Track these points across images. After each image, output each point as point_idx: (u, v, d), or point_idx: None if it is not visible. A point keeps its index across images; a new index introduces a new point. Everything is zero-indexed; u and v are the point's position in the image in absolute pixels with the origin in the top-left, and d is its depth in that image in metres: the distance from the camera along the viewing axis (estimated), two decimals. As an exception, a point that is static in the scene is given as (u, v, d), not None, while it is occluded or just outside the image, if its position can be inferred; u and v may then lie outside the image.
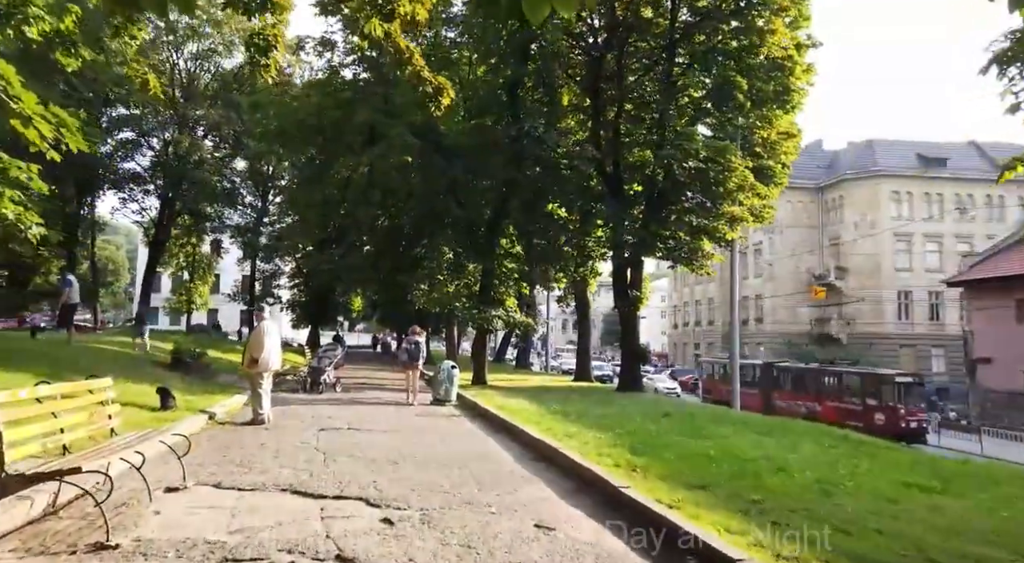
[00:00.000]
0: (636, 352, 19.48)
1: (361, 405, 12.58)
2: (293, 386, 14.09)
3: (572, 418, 10.82)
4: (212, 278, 48.30)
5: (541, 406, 12.61)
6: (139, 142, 32.50)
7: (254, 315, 9.97)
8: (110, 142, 32.75)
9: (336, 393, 14.26)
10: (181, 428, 7.72)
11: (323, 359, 14.34)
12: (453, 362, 13.95)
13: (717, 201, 17.94)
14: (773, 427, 11.50)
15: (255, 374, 9.39)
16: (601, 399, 15.88)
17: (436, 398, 13.53)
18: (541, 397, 15.17)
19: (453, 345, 24.37)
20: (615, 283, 20.27)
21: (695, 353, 57.26)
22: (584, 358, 23.87)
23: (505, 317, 17.18)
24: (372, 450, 7.50)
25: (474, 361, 18.90)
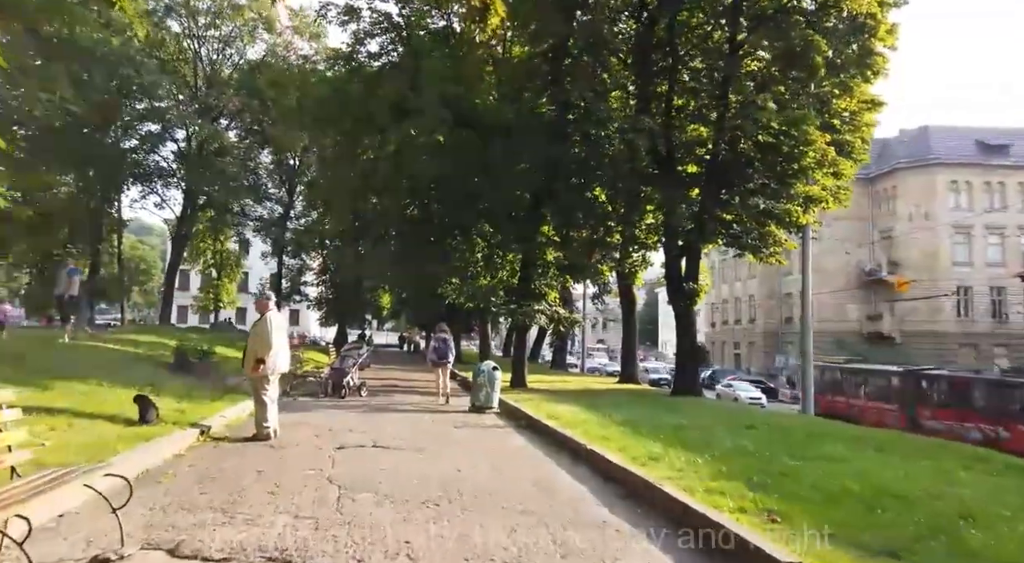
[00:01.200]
0: (694, 353, 17.31)
1: (389, 413, 10.72)
2: (313, 390, 12.32)
3: (644, 432, 8.79)
4: (239, 275, 47.33)
5: (598, 414, 10.62)
6: (163, 135, 31.39)
7: (257, 303, 8.11)
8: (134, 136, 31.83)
9: (361, 397, 12.45)
10: (157, 449, 5.91)
11: (346, 359, 12.55)
12: (494, 363, 12.01)
13: (788, 180, 15.68)
14: (894, 443, 9.27)
15: (260, 379, 7.57)
16: (661, 405, 13.78)
17: (475, 405, 11.62)
18: (592, 403, 13.17)
19: (487, 344, 22.48)
20: (668, 275, 18.12)
21: (735, 352, 54.50)
22: (629, 358, 21.73)
23: (548, 312, 15.20)
24: (403, 482, 5.59)
25: (513, 361, 16.96)
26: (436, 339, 12.91)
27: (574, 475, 6.44)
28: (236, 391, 10.34)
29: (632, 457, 6.90)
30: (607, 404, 13.32)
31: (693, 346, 17.60)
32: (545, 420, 9.83)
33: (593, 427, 9.15)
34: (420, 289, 26.05)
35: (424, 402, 12.72)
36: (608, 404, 13.38)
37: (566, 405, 12.22)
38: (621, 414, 10.89)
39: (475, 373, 11.84)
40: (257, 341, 7.58)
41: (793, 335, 49.85)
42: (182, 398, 8.87)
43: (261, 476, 5.61)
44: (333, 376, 12.31)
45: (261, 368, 7.49)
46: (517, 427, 9.89)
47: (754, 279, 52.18)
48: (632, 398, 15.27)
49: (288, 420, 9.05)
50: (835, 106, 16.03)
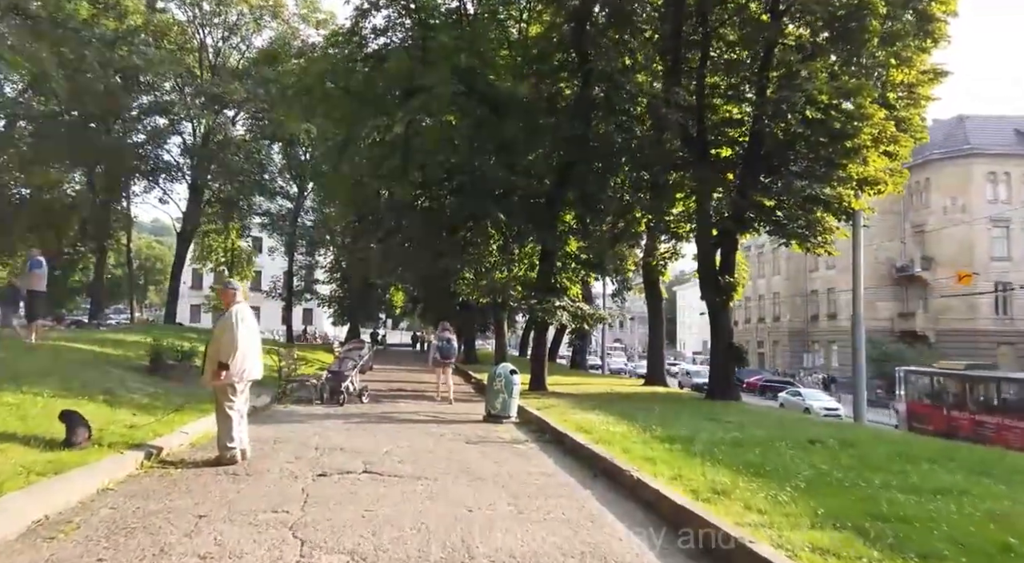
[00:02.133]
0: (730, 353, 15.58)
1: (390, 423, 9.18)
2: (308, 396, 10.82)
3: (696, 450, 7.18)
4: (251, 274, 46.26)
5: (634, 426, 9.03)
6: (169, 129, 30.26)
7: (221, 294, 6.56)
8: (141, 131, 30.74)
9: (362, 404, 10.93)
10: (68, 486, 4.41)
11: (345, 362, 11.03)
12: (512, 366, 10.43)
13: (839, 160, 13.92)
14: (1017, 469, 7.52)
15: (223, 388, 6.06)
16: (701, 413, 12.10)
17: (491, 413, 10.06)
18: (623, 410, 11.54)
19: (503, 344, 20.90)
20: (701, 268, 16.42)
21: (759, 352, 52.43)
22: (656, 359, 20.02)
23: (571, 309, 13.59)
24: (392, 536, 4.02)
25: (532, 362, 15.39)
26: (439, 338, 12.21)
27: (623, 516, 4.83)
28: (214, 399, 8.85)
29: (692, 489, 5.31)
30: (639, 411, 11.69)
31: (730, 346, 15.87)
32: (574, 434, 8.24)
33: (634, 444, 7.55)
34: (432, 286, 24.58)
35: (433, 410, 11.18)
36: (641, 411, 11.75)
37: (594, 413, 10.63)
38: (659, 424, 9.29)
39: (491, 377, 10.27)
40: (220, 341, 6.06)
41: (820, 333, 47.78)
42: (142, 409, 7.40)
43: (199, 527, 4.07)
44: (330, 380, 10.80)
45: (224, 375, 5.97)
46: (541, 442, 8.30)
47: (778, 276, 50.16)
48: (666, 404, 13.60)
49: (268, 434, 7.54)
50: (890, 77, 14.22)
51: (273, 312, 50.50)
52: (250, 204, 30.26)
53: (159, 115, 29.74)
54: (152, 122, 30.06)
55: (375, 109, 14.82)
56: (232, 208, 30.07)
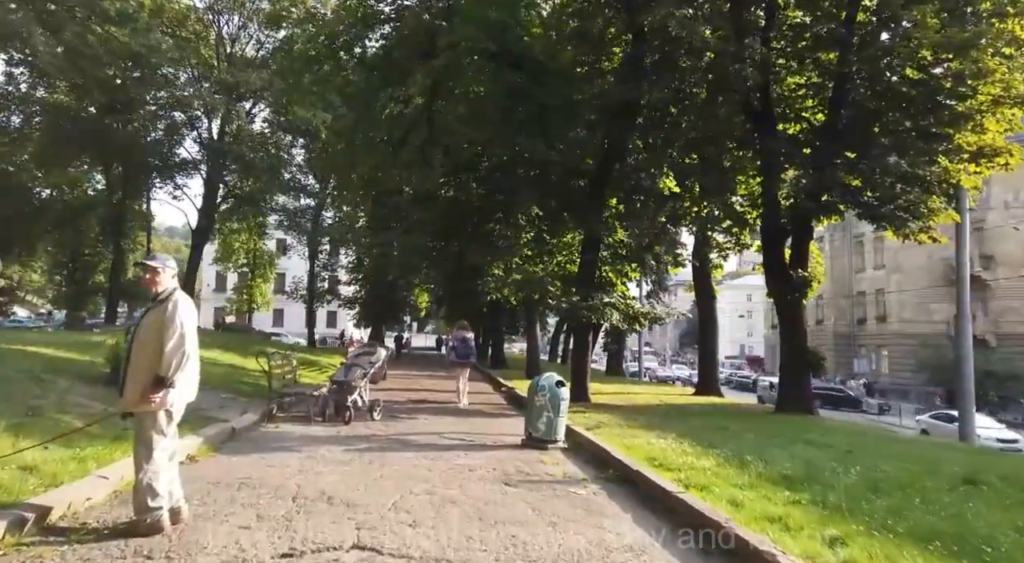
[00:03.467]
0: (804, 359, 13.16)
1: (405, 451, 7.02)
2: (308, 412, 8.73)
3: (837, 504, 4.92)
4: (273, 275, 44.84)
5: (724, 457, 6.83)
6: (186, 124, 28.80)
7: (147, 276, 4.28)
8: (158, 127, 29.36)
9: (373, 421, 8.82)
10: None
11: (352, 369, 8.92)
12: (557, 375, 8.20)
13: (945, 128, 11.46)
14: None
15: (154, 415, 3.96)
16: (785, 432, 9.72)
17: (532, 435, 7.85)
18: (692, 430, 9.28)
19: (536, 347, 18.70)
20: (767, 261, 14.03)
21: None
22: (709, 366, 17.59)
23: (623, 306, 11.31)
24: None
25: (572, 369, 13.16)
26: (455, 338, 11.73)
27: None
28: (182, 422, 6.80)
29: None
30: (713, 432, 9.39)
31: (803, 351, 13.44)
32: (649, 471, 6.01)
33: (740, 490, 5.33)
34: (457, 284, 22.50)
35: (459, 428, 9.01)
36: (714, 432, 9.45)
37: (658, 434, 8.40)
38: (752, 453, 7.03)
39: (532, 390, 8.06)
40: (156, 343, 3.96)
41: (868, 338, 44.54)
42: (66, 438, 5.36)
43: None
44: (333, 393, 8.70)
45: (160, 397, 3.88)
46: (604, 483, 6.05)
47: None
48: (735, 420, 11.25)
49: (235, 472, 5.45)
50: (1009, 28, 11.66)
51: (298, 314, 49.01)
52: (267, 200, 28.52)
53: (176, 110, 28.32)
54: (168, 117, 28.62)
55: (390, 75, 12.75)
56: (248, 204, 28.41)
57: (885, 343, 42.00)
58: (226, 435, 6.84)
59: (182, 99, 27.08)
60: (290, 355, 9.74)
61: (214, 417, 7.38)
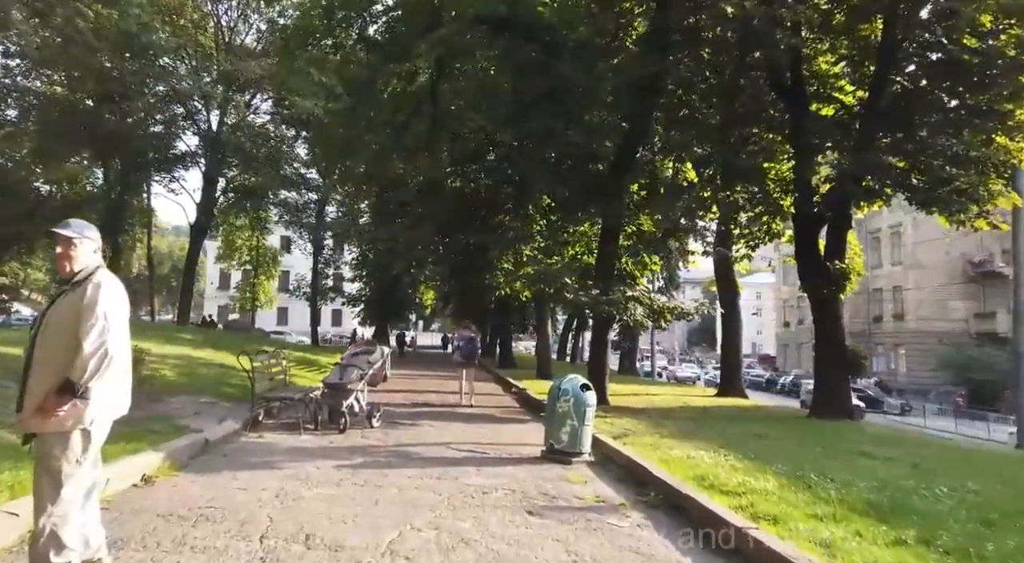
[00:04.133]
0: (843, 358, 12.04)
1: (406, 468, 5.94)
2: (299, 418, 7.68)
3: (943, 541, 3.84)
4: (277, 273, 43.90)
5: (781, 475, 5.74)
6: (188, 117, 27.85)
7: (59, 245, 3.18)
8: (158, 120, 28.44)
9: (371, 429, 7.76)
10: None
11: (348, 370, 7.84)
12: (581, 377, 7.11)
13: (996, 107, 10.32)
14: None
15: (65, 436, 2.91)
16: (835, 442, 8.62)
17: (553, 447, 6.77)
18: (731, 437, 8.22)
19: (547, 345, 17.63)
20: (800, 250, 12.92)
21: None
22: (733, 366, 16.44)
23: (647, 302, 10.20)
24: None
25: (591, 370, 12.07)
26: (460, 337, 11.51)
27: None
28: (143, 434, 5.76)
29: None
30: (752, 440, 8.31)
31: (841, 350, 12.31)
32: (700, 495, 4.93)
33: (820, 523, 4.23)
34: (464, 280, 21.45)
35: (468, 436, 7.95)
36: (754, 440, 8.36)
37: (699, 445, 7.32)
38: (813, 469, 5.98)
39: (552, 395, 6.96)
40: (68, 338, 2.91)
41: (884, 336, 43.24)
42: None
43: None
44: (326, 398, 7.64)
45: (71, 408, 2.83)
46: (647, 509, 4.97)
47: (836, 273, 45.71)
48: (772, 426, 10.15)
49: (193, 499, 4.38)
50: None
51: (302, 312, 48.07)
52: (268, 194, 27.50)
53: (176, 104, 27.39)
54: (168, 109, 27.68)
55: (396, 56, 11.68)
56: (248, 197, 27.43)
57: (902, 342, 40.73)
58: (196, 449, 5.80)
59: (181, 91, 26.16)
60: (280, 353, 8.69)
61: (185, 426, 6.34)
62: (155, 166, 28.56)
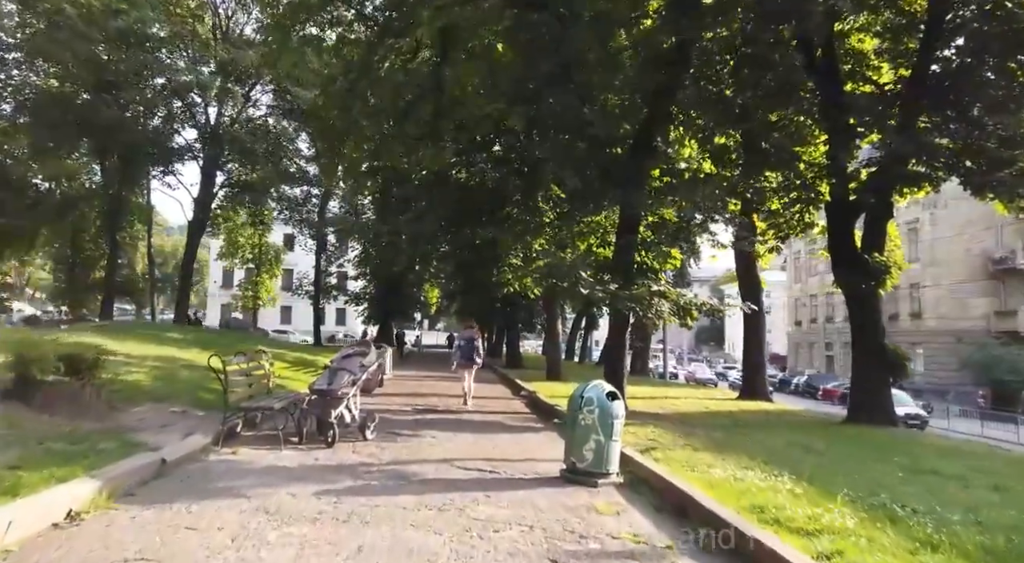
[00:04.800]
0: (885, 360, 10.95)
1: (401, 495, 4.89)
2: (283, 429, 6.68)
3: None
4: (281, 271, 43.01)
5: (870, 508, 4.69)
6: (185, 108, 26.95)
7: None
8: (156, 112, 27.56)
9: (365, 442, 6.77)
10: None
11: (339, 375, 6.81)
12: (607, 384, 6.06)
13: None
14: None
15: None
16: (890, 454, 7.56)
17: (576, 467, 5.73)
18: (774, 451, 7.20)
19: (558, 345, 16.61)
20: (833, 241, 11.83)
21: (826, 355, 46.79)
22: (756, 367, 15.35)
23: (673, 297, 9.15)
24: None
25: (606, 372, 11.05)
26: (461, 337, 11.39)
27: None
28: (83, 454, 4.78)
29: None
30: (800, 453, 7.28)
31: (881, 350, 11.22)
32: (767, 535, 3.90)
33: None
34: (470, 277, 20.46)
35: (476, 450, 6.93)
36: (801, 453, 7.33)
37: (737, 461, 6.33)
38: (882, 489, 4.96)
39: (573, 405, 5.93)
40: None
41: (901, 335, 41.81)
42: None
43: None
44: (313, 406, 6.64)
45: None
46: (701, 556, 3.94)
47: (850, 271, 44.48)
48: (815, 435, 9.09)
49: (125, 542, 3.37)
50: None
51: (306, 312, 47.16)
52: (267, 188, 26.52)
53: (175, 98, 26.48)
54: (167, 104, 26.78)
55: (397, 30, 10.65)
56: (246, 191, 26.49)
57: (920, 340, 39.43)
58: (149, 472, 4.80)
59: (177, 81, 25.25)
60: (264, 354, 7.65)
61: (140, 443, 5.35)
62: (152, 161, 27.66)
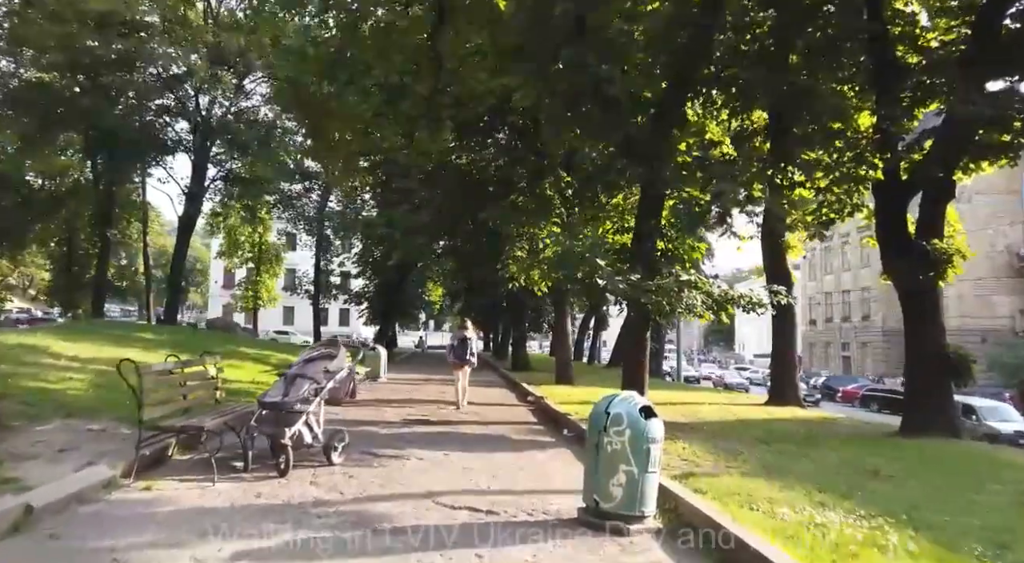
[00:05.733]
0: (946, 363, 9.41)
1: (362, 558, 3.50)
2: (225, 452, 5.24)
3: None
4: (283, 271, 41.69)
5: None
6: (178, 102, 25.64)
7: None
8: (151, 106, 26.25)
9: (330, 465, 5.35)
10: None
11: (297, 383, 5.32)
12: (642, 398, 4.57)
13: None
14: None
15: None
16: (971, 474, 6.06)
17: (599, 506, 4.26)
18: (850, 480, 5.70)
19: (567, 346, 15.14)
20: (882, 227, 10.30)
21: (843, 355, 45.03)
22: (786, 370, 13.79)
23: (706, 288, 7.64)
24: None
25: (625, 378, 9.61)
26: (455, 337, 11.22)
27: None
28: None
29: None
30: (870, 479, 5.79)
31: (940, 351, 9.69)
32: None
33: None
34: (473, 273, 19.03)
35: (470, 478, 5.47)
36: (870, 479, 5.83)
37: (804, 491, 4.91)
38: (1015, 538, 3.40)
39: (595, 423, 4.45)
40: None
41: (921, 334, 40.08)
42: None
43: None
44: (264, 423, 5.18)
45: None
46: None
47: (868, 268, 42.73)
48: (872, 451, 7.60)
49: None
50: None
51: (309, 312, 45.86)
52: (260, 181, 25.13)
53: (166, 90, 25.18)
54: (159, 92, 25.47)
55: None
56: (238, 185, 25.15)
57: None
58: (4, 524, 3.36)
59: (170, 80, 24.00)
60: (209, 358, 6.13)
61: (12, 478, 3.91)
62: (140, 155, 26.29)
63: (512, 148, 14.85)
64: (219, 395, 5.96)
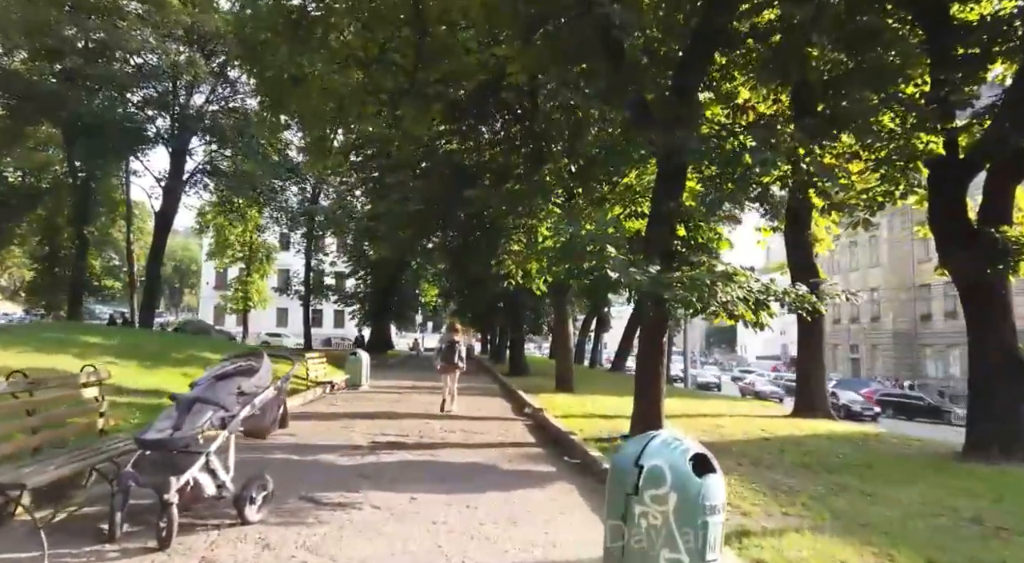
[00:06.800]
0: (1012, 370, 7.86)
1: None
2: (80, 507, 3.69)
3: None
4: (275, 271, 40.11)
5: None
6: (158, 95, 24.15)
7: None
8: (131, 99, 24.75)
9: (242, 525, 3.79)
10: None
11: (196, 410, 3.79)
12: (687, 439, 3.01)
13: None
14: None
15: None
16: None
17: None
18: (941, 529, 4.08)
19: (568, 349, 13.60)
20: (935, 213, 8.76)
21: (851, 357, 43.43)
22: (814, 377, 12.18)
23: (744, 283, 6.06)
24: None
25: (639, 389, 8.06)
26: (444, 341, 10.82)
27: None
28: None
29: None
30: (980, 536, 4.19)
31: (1013, 354, 8.14)
32: None
33: None
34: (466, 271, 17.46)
35: (439, 536, 3.90)
36: (981, 533, 4.24)
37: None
38: None
39: (617, 478, 2.91)
40: None
41: (933, 336, 38.54)
42: None
43: None
44: (143, 469, 3.60)
45: None
46: None
47: (877, 268, 41.27)
48: (955, 484, 6.04)
49: None
50: None
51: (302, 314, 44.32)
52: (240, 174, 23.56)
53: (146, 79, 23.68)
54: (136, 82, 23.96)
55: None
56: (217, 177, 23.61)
57: (957, 342, 36.00)
58: None
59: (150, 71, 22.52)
60: (85, 375, 4.50)
61: None
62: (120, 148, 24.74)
63: (508, 132, 13.33)
64: (105, 423, 4.36)
